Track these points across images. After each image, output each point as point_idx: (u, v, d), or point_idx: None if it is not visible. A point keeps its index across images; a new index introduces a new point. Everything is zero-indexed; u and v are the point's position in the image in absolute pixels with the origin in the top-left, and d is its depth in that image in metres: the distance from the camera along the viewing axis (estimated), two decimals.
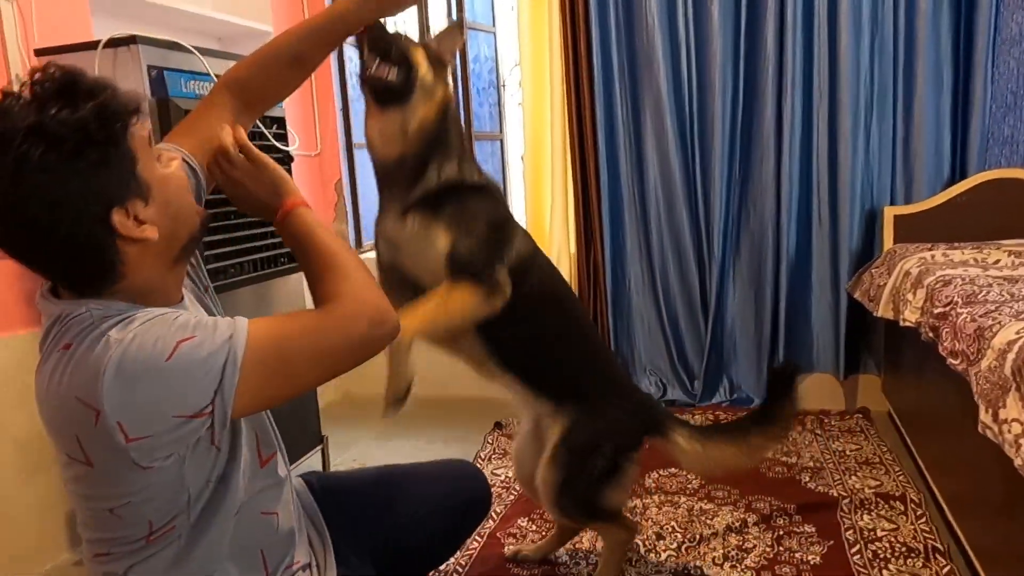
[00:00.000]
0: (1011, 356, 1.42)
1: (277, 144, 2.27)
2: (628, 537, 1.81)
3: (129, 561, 1.00)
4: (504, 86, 3.65)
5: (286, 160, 2.39)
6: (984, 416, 1.48)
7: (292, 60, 1.28)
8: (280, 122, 2.33)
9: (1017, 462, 1.31)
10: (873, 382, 3.04)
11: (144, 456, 0.91)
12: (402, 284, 1.56)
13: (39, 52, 2.00)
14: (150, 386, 0.88)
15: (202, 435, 0.94)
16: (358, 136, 3.60)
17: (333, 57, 3.45)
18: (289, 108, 2.85)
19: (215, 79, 2.08)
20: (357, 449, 2.95)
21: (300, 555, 1.20)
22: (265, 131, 2.22)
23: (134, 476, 0.93)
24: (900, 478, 2.34)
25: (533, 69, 3.10)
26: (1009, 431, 1.36)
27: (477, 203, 1.55)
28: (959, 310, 1.80)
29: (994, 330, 1.55)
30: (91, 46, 1.90)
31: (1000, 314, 1.61)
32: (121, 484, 0.94)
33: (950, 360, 1.74)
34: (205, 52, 2.06)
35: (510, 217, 1.64)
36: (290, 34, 1.30)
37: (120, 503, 0.96)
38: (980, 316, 1.67)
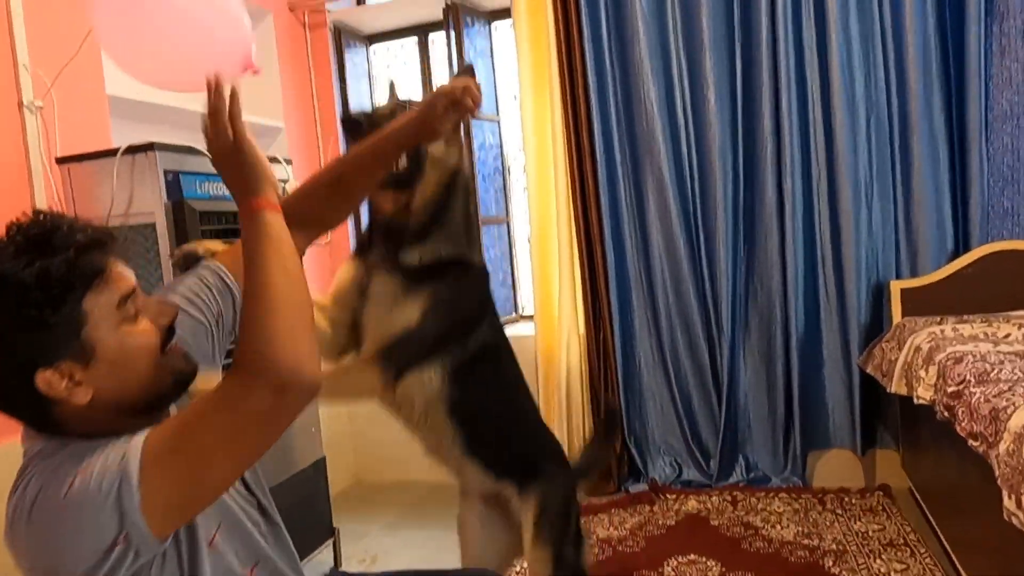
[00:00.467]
0: None
1: None
2: None
3: None
4: (509, 171, 3.74)
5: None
6: (1008, 503, 1.46)
7: (332, 182, 1.26)
8: None
9: None
10: (892, 457, 2.99)
11: None
12: (343, 322, 1.55)
13: (60, 160, 2.07)
14: (55, 528, 0.84)
15: (144, 562, 0.87)
16: None
17: (343, 148, 3.55)
18: None
19: None
20: (369, 540, 2.90)
21: None
22: None
23: None
24: (926, 560, 2.27)
25: (537, 154, 3.17)
26: None
27: (458, 290, 1.56)
28: (972, 389, 1.79)
29: (1009, 412, 1.54)
30: (110, 153, 1.97)
31: (1014, 394, 1.61)
32: None
33: (970, 442, 1.72)
34: None
35: (486, 304, 1.66)
36: (336, 159, 1.30)
37: None
38: (994, 396, 1.66)
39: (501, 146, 3.66)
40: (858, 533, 2.52)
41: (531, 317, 3.44)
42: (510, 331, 3.49)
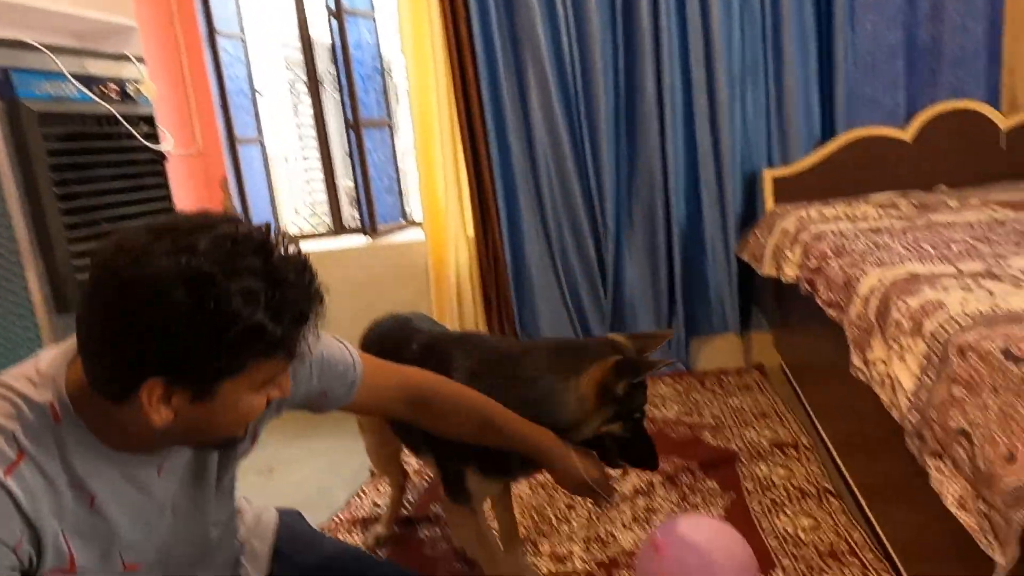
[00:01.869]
0: (873, 302, 1.51)
1: (147, 144, 2.17)
2: None
3: None
4: (390, 72, 3.60)
5: (159, 160, 2.29)
6: (855, 359, 1.57)
7: (476, 427, 1.33)
8: (149, 120, 2.23)
9: (883, 399, 1.40)
10: (766, 339, 3.18)
11: None
12: None
13: None
14: None
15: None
16: (241, 130, 3.48)
17: (206, 47, 3.32)
18: (161, 105, 2.73)
19: (71, 78, 1.96)
20: (266, 451, 2.88)
21: None
22: (133, 130, 2.12)
23: None
24: (793, 427, 2.46)
25: (416, 56, 3.05)
26: (876, 371, 1.45)
27: None
28: (830, 262, 1.90)
29: (859, 279, 1.65)
30: None
31: (864, 263, 1.71)
32: None
33: (828, 310, 1.84)
34: (58, 50, 1.94)
35: None
36: (495, 415, 1.34)
37: None
38: (848, 267, 1.76)
39: (378, 45, 3.51)
40: (734, 408, 2.69)
41: (420, 224, 3.40)
42: (400, 238, 3.47)
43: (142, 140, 2.14)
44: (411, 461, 2.34)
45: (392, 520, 2.12)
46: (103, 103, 2.06)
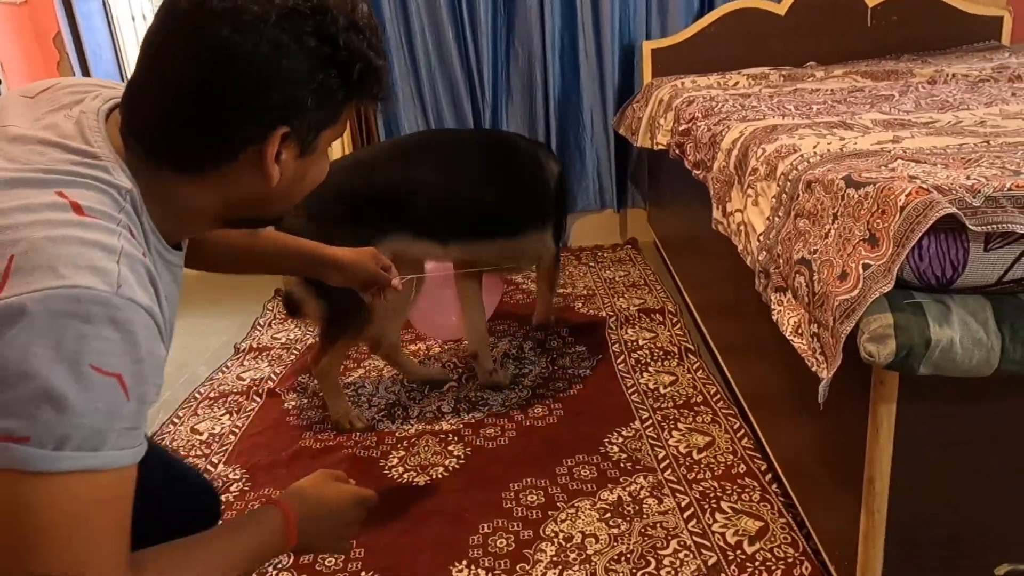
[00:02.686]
0: (735, 153, 1.51)
1: None
2: None
3: None
4: None
5: None
6: (716, 213, 1.59)
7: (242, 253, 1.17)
8: None
9: (739, 247, 1.42)
10: (641, 215, 3.22)
11: None
12: None
13: None
14: None
15: None
16: None
17: None
18: None
19: None
20: None
21: None
22: None
23: None
24: (661, 295, 2.53)
25: None
26: (733, 221, 1.47)
27: None
28: (698, 124, 1.90)
29: (723, 134, 1.64)
30: None
31: (730, 120, 1.71)
32: None
33: (694, 172, 1.85)
34: None
35: None
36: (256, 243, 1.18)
37: None
38: (714, 125, 1.76)
39: None
40: (606, 279, 2.73)
41: None
42: None
43: None
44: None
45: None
46: None
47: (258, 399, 2.05)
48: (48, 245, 0.62)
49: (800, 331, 1.03)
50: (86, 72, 3.17)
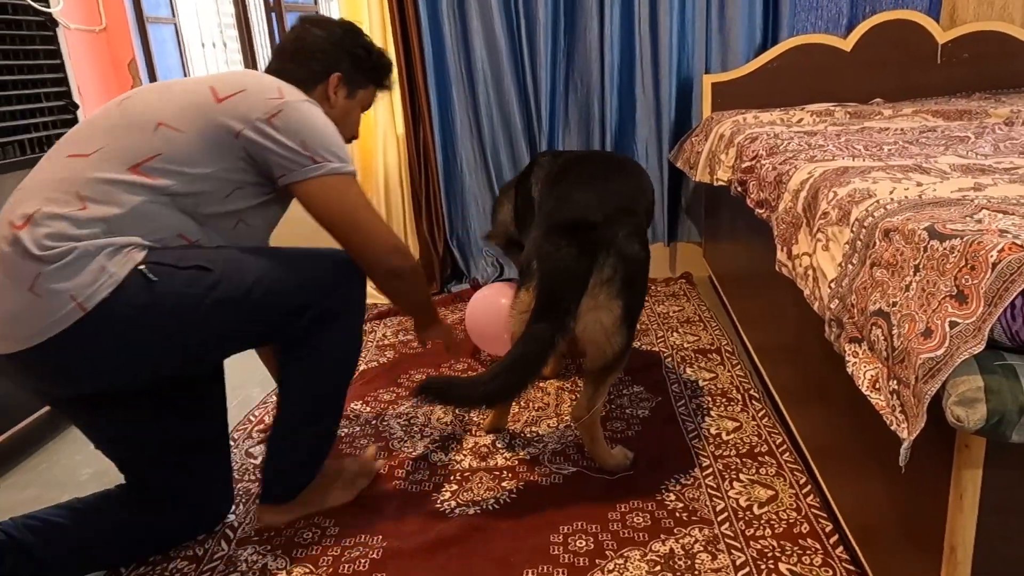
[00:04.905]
0: (803, 195, 1.48)
1: (33, 4, 1.94)
2: None
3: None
4: None
5: (49, 26, 2.07)
6: (780, 255, 1.55)
7: None
8: None
9: (805, 292, 1.38)
10: (694, 250, 3.18)
11: None
12: None
13: None
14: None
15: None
16: (149, 9, 3.20)
17: None
18: None
19: None
20: None
21: None
22: None
23: None
24: (716, 332, 2.47)
25: None
26: (799, 265, 1.43)
27: None
28: (763, 162, 1.86)
29: (790, 174, 1.61)
30: None
31: (797, 160, 1.68)
32: None
33: (757, 210, 1.81)
34: None
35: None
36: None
37: None
38: (780, 164, 1.72)
39: None
40: (660, 314, 2.69)
41: None
42: None
43: (31, 1, 1.92)
44: None
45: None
46: None
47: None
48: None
49: (878, 386, 0.99)
50: None
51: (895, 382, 0.94)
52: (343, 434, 1.99)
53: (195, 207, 1.32)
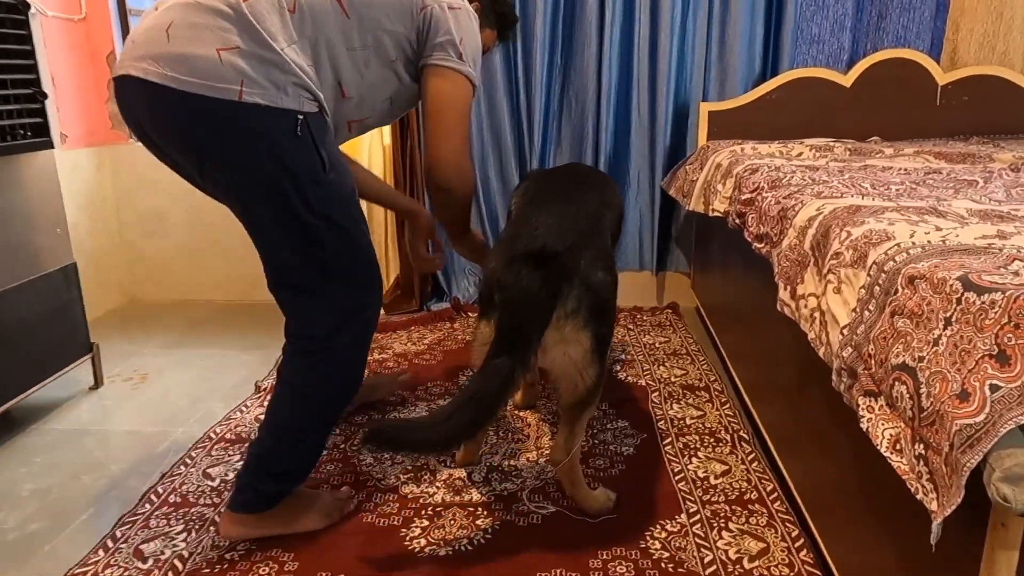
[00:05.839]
0: (811, 232, 1.40)
1: None
2: None
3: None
4: None
5: (21, 10, 1.95)
6: (782, 294, 1.47)
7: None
8: None
9: (810, 336, 1.30)
10: (681, 280, 3.10)
11: None
12: None
13: None
14: None
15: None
16: (133, 1, 3.08)
17: None
18: None
19: None
20: (140, 359, 2.62)
21: None
22: None
23: None
24: (704, 367, 2.39)
25: None
26: (805, 306, 1.35)
27: None
28: (764, 195, 1.79)
29: (796, 209, 1.53)
30: None
31: (802, 195, 1.60)
32: None
33: (755, 245, 1.73)
34: None
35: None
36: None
37: None
38: (784, 198, 1.65)
39: None
40: (646, 345, 2.61)
41: None
42: None
43: None
44: None
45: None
46: None
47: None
48: None
49: (900, 448, 0.90)
50: None
51: (922, 446, 0.86)
52: None
53: (365, 58, 1.44)
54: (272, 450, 1.48)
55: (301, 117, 1.31)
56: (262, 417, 2.08)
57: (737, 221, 1.93)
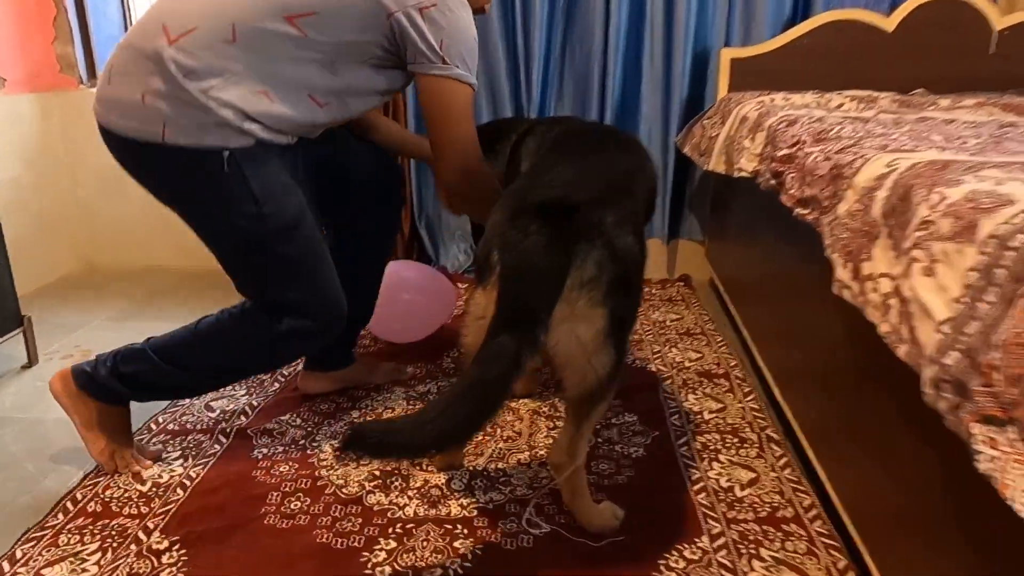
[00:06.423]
0: (881, 194, 1.09)
1: None
2: None
3: None
4: None
5: None
6: (841, 272, 1.17)
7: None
8: None
9: (882, 328, 1.00)
10: (695, 248, 2.80)
11: None
12: None
13: None
14: None
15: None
16: None
17: None
18: None
19: None
20: (84, 332, 2.33)
21: None
22: None
23: None
24: (721, 348, 2.11)
25: None
26: (875, 289, 1.05)
27: None
28: (808, 149, 1.48)
29: (855, 166, 1.23)
30: None
31: (862, 148, 1.30)
32: None
33: (797, 210, 1.43)
34: None
35: None
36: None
37: None
38: (836, 153, 1.34)
39: None
40: (656, 323, 2.32)
41: None
42: None
43: None
44: None
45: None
46: None
47: (224, 439, 1.67)
48: None
49: None
50: (86, 32, 2.81)
51: None
52: (260, 456, 1.59)
53: (333, 65, 1.38)
54: (160, 363, 1.49)
55: (227, 153, 1.33)
56: (213, 405, 1.82)
57: (772, 182, 1.62)
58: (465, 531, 1.33)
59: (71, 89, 2.83)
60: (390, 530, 1.34)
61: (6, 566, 1.27)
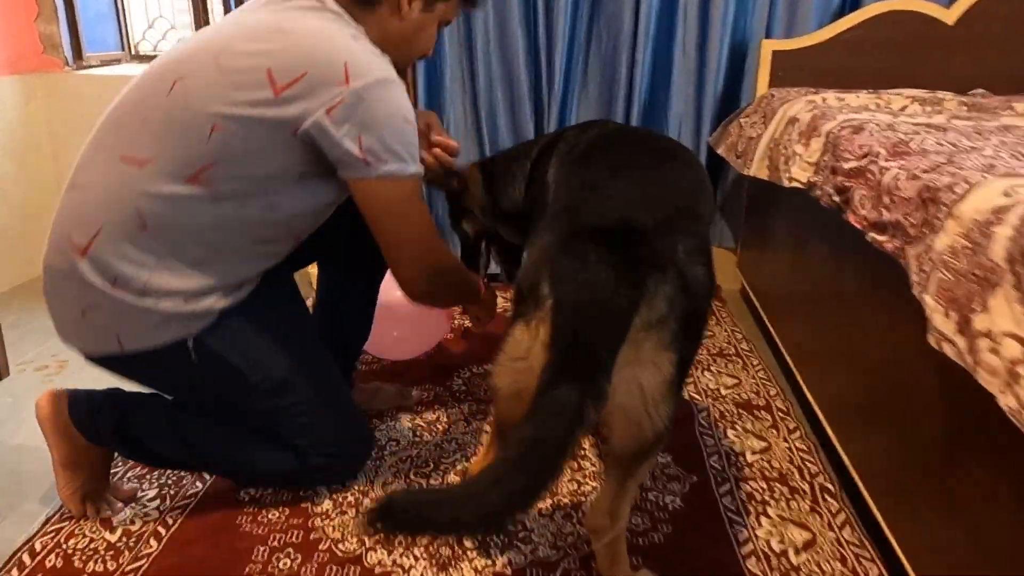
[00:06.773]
0: (1003, 232, 0.89)
1: None
2: None
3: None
4: None
5: None
6: (941, 323, 0.97)
7: None
8: None
9: (1005, 402, 0.81)
10: (726, 256, 2.60)
11: None
12: None
13: None
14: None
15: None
16: None
17: None
18: None
19: None
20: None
21: None
22: None
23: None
24: (759, 373, 1.91)
25: None
26: (994, 351, 0.85)
27: None
28: (885, 164, 1.27)
29: (957, 191, 1.02)
30: None
31: (957, 167, 1.09)
32: None
33: (871, 235, 1.23)
34: None
35: None
36: None
37: None
38: (925, 172, 1.14)
39: None
40: None
41: None
42: None
43: None
44: None
45: None
46: None
47: (207, 476, 1.48)
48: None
49: None
50: (72, 11, 2.61)
51: None
52: (246, 498, 1.41)
53: (264, 200, 1.22)
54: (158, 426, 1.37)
55: (191, 343, 1.22)
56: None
57: (836, 198, 1.42)
58: None
59: (55, 71, 2.63)
60: None
61: None
